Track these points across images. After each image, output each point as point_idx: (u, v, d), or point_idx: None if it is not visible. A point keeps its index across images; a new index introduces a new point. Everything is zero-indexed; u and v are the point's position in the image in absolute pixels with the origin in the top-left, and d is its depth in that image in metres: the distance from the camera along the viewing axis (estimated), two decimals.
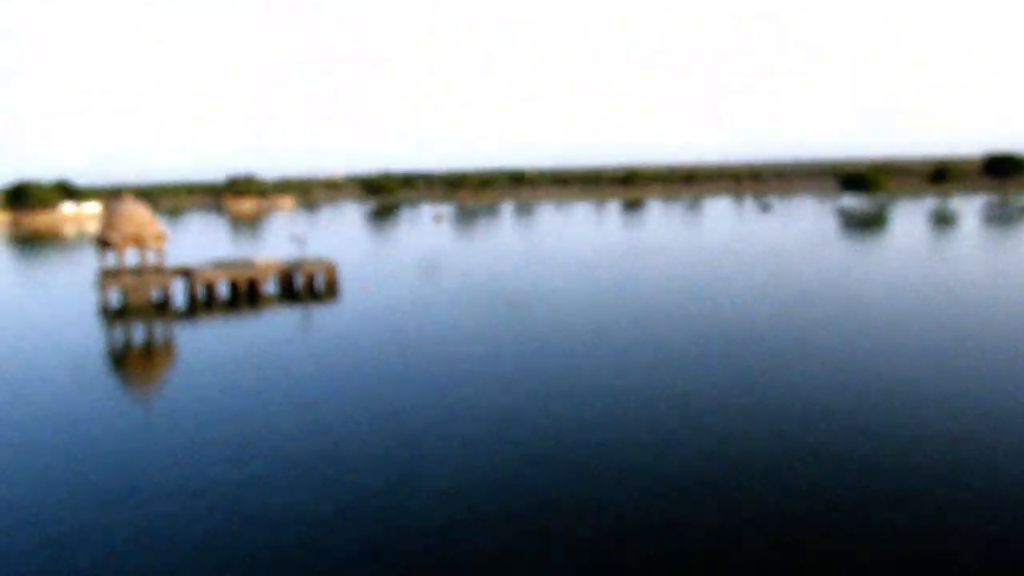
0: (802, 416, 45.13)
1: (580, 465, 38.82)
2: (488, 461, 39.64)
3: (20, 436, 45.87)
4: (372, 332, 72.30)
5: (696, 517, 32.55)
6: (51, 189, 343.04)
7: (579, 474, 37.69)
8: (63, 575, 29.50)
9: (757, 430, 42.91)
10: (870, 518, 32.00)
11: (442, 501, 35.08)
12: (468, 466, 39.02)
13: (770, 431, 42.75)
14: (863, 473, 36.68)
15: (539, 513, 33.61)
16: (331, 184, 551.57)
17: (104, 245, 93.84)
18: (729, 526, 31.65)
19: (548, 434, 43.35)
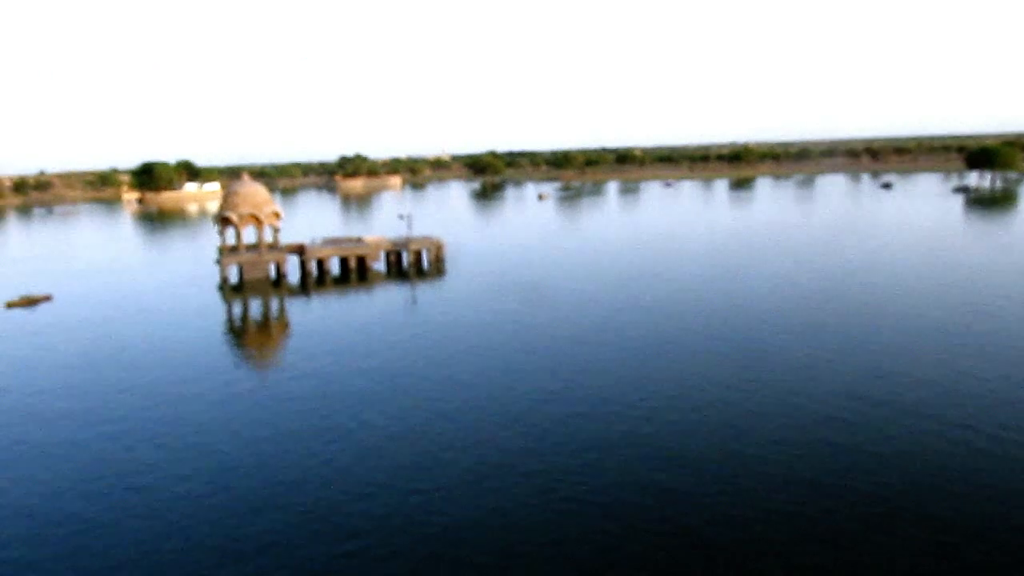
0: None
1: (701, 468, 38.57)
2: (595, 437, 39.86)
3: (160, 402, 48.78)
4: (476, 308, 73.35)
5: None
6: (175, 170, 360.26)
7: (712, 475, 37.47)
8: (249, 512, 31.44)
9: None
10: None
11: (531, 478, 35.57)
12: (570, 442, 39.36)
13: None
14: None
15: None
16: (438, 163, 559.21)
17: (224, 223, 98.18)
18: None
19: (629, 406, 43.24)
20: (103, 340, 66.17)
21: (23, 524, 32.86)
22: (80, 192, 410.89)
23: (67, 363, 58.89)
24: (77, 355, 61.21)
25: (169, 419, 45.23)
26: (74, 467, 38.63)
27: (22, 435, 43.61)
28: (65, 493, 35.69)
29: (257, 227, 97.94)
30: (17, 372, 56.89)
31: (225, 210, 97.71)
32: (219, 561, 29.32)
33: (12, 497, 35.50)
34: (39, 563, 29.68)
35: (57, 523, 32.92)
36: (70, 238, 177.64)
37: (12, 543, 31.24)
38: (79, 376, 55.09)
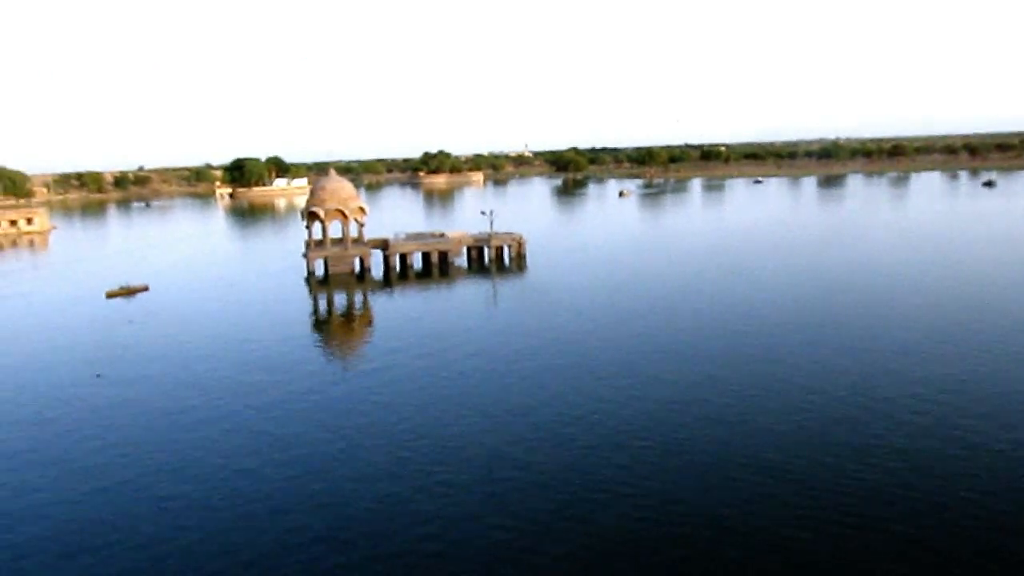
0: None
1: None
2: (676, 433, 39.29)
3: (246, 395, 50.22)
4: (556, 303, 73.13)
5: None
6: (265, 166, 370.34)
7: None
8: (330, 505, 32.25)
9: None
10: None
11: (619, 472, 35.24)
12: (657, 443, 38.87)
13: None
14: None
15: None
16: (520, 160, 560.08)
17: (311, 218, 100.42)
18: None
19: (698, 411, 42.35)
20: (195, 329, 68.43)
21: (151, 505, 34.21)
22: (176, 187, 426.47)
23: (160, 351, 61.10)
24: (169, 344, 63.44)
25: (258, 407, 46.44)
26: (172, 451, 40.02)
27: (112, 421, 45.40)
28: (166, 476, 37.01)
29: (343, 222, 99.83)
30: (113, 359, 59.27)
31: (312, 205, 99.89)
32: (327, 545, 29.95)
33: (115, 480, 36.99)
34: (176, 538, 30.84)
35: (176, 502, 34.10)
36: (166, 231, 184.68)
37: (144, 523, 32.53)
38: (171, 364, 57.08)
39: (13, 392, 51.72)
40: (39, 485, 36.55)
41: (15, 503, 34.75)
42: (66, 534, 31.74)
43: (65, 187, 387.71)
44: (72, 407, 47.86)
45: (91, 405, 48.14)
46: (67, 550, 30.50)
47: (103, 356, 60.21)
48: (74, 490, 35.78)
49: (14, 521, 33.02)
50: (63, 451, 40.76)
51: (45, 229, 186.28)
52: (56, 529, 32.17)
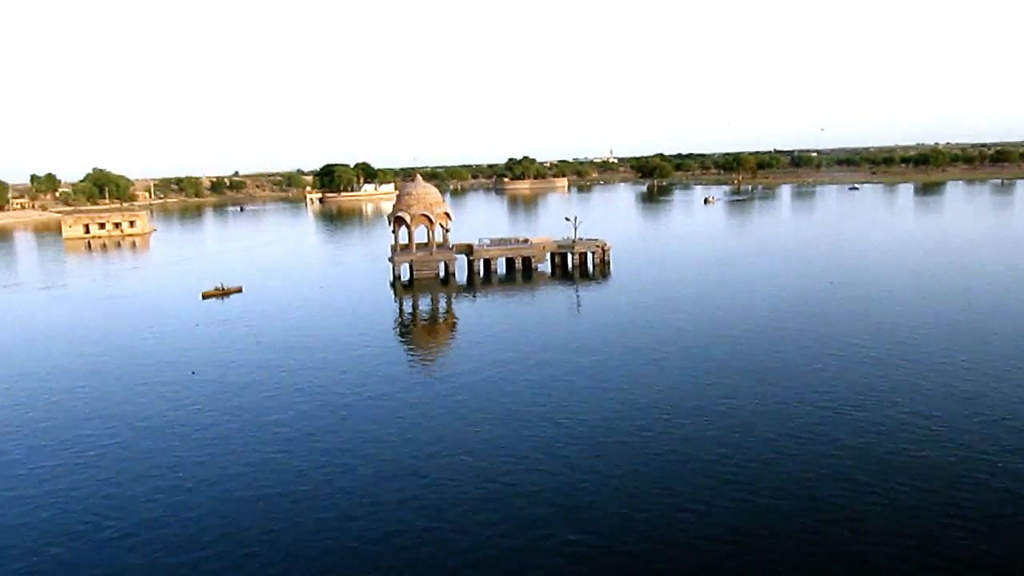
0: None
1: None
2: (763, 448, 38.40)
3: (330, 395, 51.32)
4: (641, 311, 72.41)
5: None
6: (354, 171, 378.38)
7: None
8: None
9: None
10: None
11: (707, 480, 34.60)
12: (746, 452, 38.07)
13: None
14: None
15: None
16: (604, 166, 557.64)
17: (397, 223, 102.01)
18: None
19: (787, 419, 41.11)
20: (284, 330, 70.25)
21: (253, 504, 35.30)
22: (269, 192, 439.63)
23: (250, 351, 62.93)
24: (260, 344, 65.27)
25: (340, 407, 47.35)
26: (256, 447, 41.14)
27: (203, 418, 46.90)
28: (247, 468, 38.08)
29: (428, 227, 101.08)
30: (207, 357, 61.31)
31: (399, 210, 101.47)
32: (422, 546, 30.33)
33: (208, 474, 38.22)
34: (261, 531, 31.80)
35: (269, 499, 35.09)
36: (259, 234, 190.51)
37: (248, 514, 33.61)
38: (260, 363, 58.69)
39: (115, 387, 54.00)
40: (139, 474, 38.04)
41: (122, 492, 36.24)
42: (174, 522, 32.95)
43: (165, 191, 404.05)
44: (167, 403, 49.69)
45: (185, 401, 49.90)
46: (179, 540, 31.66)
47: (198, 354, 62.39)
48: (173, 483, 37.11)
49: (127, 504, 34.47)
50: (157, 443, 42.33)
51: (146, 231, 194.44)
52: (167, 516, 33.43)
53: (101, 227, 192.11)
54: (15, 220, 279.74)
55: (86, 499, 35.67)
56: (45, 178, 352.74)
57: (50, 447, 42.61)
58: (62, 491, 36.63)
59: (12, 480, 38.22)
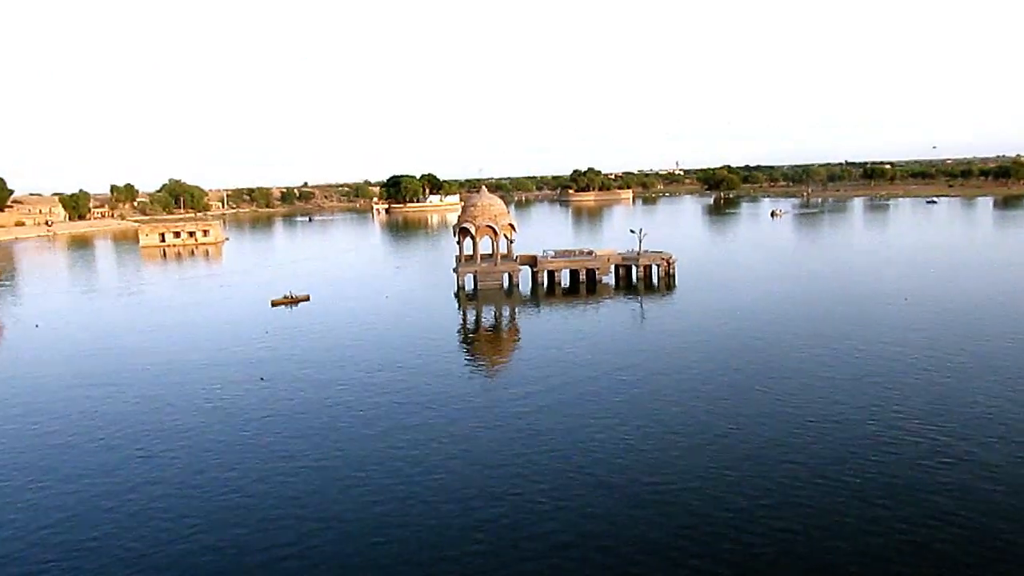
0: None
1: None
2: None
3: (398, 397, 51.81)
4: (706, 325, 71.40)
5: None
6: (420, 182, 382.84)
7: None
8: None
9: None
10: None
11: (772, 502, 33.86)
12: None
13: None
14: None
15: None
16: (670, 177, 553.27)
17: (462, 234, 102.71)
18: None
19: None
20: (350, 339, 71.24)
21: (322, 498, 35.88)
22: (336, 202, 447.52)
23: (317, 358, 63.94)
24: (326, 352, 66.30)
25: (403, 415, 47.74)
26: (320, 452, 41.73)
27: (269, 424, 47.77)
28: (306, 472, 38.65)
29: (493, 238, 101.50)
30: (276, 364, 62.48)
31: (464, 221, 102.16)
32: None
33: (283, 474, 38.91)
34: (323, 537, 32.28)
35: (337, 517, 35.58)
36: (326, 244, 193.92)
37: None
38: (326, 370, 59.59)
39: (188, 391, 55.41)
40: (209, 473, 38.95)
41: (189, 490, 37.17)
42: (237, 519, 33.65)
43: (237, 201, 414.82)
44: (237, 407, 50.80)
45: (254, 405, 50.94)
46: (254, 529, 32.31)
47: (267, 361, 63.68)
48: (238, 482, 37.90)
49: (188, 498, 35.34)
50: (227, 444, 43.27)
51: (219, 240, 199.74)
52: (231, 514, 34.16)
53: (176, 236, 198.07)
54: (96, 228, 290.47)
55: (164, 495, 36.65)
56: (124, 188, 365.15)
57: (130, 446, 43.91)
58: (145, 485, 37.72)
59: (92, 473, 39.49)
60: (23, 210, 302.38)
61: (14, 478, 40.10)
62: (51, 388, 57.95)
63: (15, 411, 52.29)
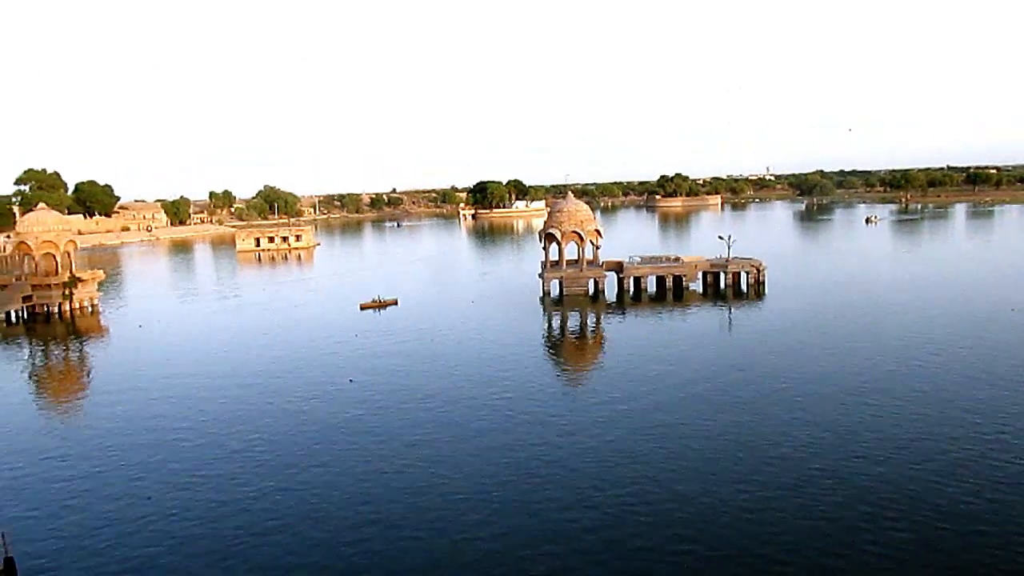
0: None
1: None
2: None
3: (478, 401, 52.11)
4: (797, 334, 69.51)
5: None
6: (506, 188, 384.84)
7: None
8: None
9: None
10: None
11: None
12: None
13: None
14: None
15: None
16: (760, 183, 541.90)
17: (548, 239, 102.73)
18: None
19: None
20: (436, 343, 72.01)
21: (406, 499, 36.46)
22: (424, 208, 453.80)
23: (403, 362, 64.84)
24: (413, 356, 67.15)
25: (486, 419, 47.93)
26: (403, 453, 42.24)
27: (357, 423, 48.57)
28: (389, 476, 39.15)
29: (579, 244, 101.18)
30: (364, 367, 63.62)
31: (549, 227, 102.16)
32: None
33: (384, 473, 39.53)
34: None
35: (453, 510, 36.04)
36: (414, 248, 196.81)
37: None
38: (412, 375, 60.37)
39: (282, 391, 56.93)
40: (303, 469, 39.90)
41: (280, 489, 38.14)
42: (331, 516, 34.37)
43: (328, 207, 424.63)
44: (327, 408, 51.91)
45: (342, 406, 51.97)
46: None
47: (356, 363, 64.93)
48: (328, 479, 38.70)
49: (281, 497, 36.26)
50: (319, 444, 44.26)
51: (311, 245, 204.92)
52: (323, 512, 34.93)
53: (270, 241, 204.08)
54: (195, 233, 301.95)
55: (256, 490, 37.70)
56: (222, 195, 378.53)
57: (227, 443, 45.40)
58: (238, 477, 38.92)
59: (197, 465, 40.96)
60: (128, 216, 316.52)
61: (122, 471, 41.85)
62: (150, 387, 60.33)
63: (119, 409, 54.62)
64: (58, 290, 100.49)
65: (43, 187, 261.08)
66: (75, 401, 60.76)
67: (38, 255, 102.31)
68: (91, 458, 44.26)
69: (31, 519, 35.94)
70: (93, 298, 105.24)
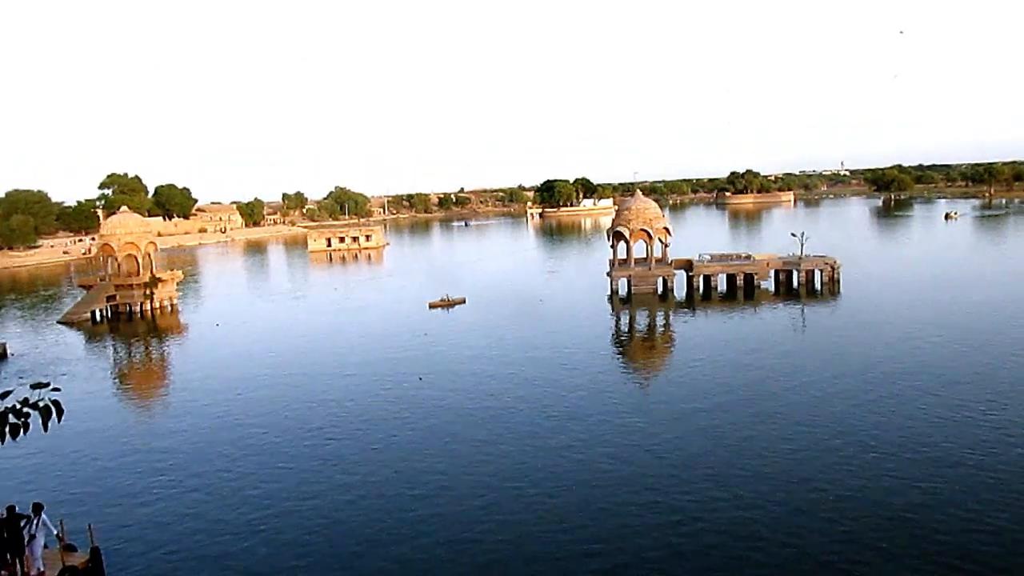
0: None
1: None
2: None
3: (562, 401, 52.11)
4: (874, 335, 67.54)
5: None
6: (573, 186, 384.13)
7: None
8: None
9: None
10: None
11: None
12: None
13: None
14: None
15: None
16: (835, 178, 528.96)
17: (616, 238, 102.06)
18: None
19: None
20: (504, 341, 72.17)
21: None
22: (492, 207, 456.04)
23: (472, 360, 65.17)
24: (488, 355, 67.44)
25: (555, 418, 47.87)
26: (470, 451, 42.47)
27: (429, 419, 49.01)
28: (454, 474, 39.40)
29: (647, 242, 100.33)
30: (433, 365, 64.19)
31: (617, 225, 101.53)
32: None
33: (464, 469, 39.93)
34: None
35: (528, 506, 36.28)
36: (482, 248, 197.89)
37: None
38: (481, 373, 60.64)
39: (352, 387, 57.86)
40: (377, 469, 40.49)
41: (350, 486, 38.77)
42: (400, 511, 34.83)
43: (397, 207, 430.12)
44: (398, 405, 52.53)
45: (413, 403, 52.54)
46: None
47: (425, 361, 65.54)
48: (398, 473, 39.19)
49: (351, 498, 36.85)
50: (391, 439, 44.84)
51: (380, 245, 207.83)
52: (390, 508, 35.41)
53: (341, 241, 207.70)
54: (269, 234, 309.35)
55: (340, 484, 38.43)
56: (294, 196, 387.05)
57: (302, 436, 46.37)
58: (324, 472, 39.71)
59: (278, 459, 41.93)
60: (205, 218, 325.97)
61: (204, 464, 43.08)
62: (229, 383, 61.90)
63: (199, 404, 56.24)
64: (140, 290, 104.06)
65: (125, 191, 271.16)
66: (157, 396, 62.81)
67: (121, 256, 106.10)
68: (173, 451, 45.66)
69: (115, 510, 37.21)
70: (172, 297, 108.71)
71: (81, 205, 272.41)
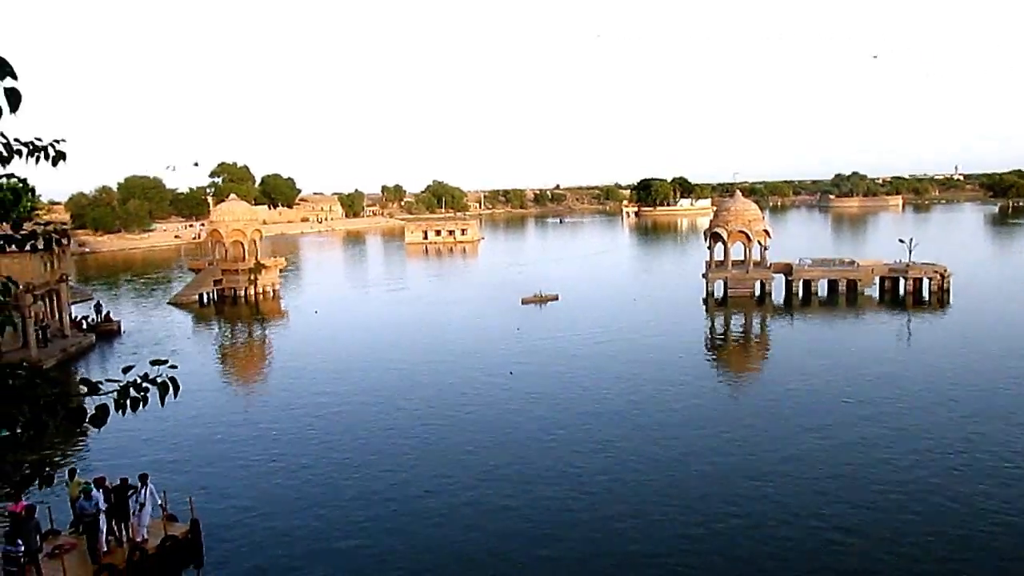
0: None
1: None
2: None
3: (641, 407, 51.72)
4: (983, 348, 64.29)
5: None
6: (670, 186, 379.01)
7: None
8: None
9: None
10: None
11: None
12: None
13: None
14: None
15: None
16: (947, 183, 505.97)
17: (714, 239, 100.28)
18: None
19: None
20: (598, 340, 71.82)
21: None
22: (587, 204, 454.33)
23: (562, 357, 65.15)
24: (571, 351, 67.35)
25: (642, 419, 47.43)
26: (554, 448, 42.48)
27: (518, 416, 49.19)
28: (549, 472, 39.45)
29: (745, 244, 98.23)
30: (524, 360, 64.41)
31: (715, 226, 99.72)
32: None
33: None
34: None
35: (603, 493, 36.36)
36: (576, 245, 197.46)
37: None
38: (571, 370, 60.57)
39: (445, 377, 58.67)
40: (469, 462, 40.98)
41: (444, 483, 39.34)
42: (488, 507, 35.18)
43: (493, 202, 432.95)
44: (486, 398, 53.00)
45: (503, 398, 52.91)
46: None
47: (517, 356, 65.88)
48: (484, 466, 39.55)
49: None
50: (483, 434, 45.28)
51: (475, 239, 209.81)
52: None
53: (437, 234, 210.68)
54: (368, 225, 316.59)
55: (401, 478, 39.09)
56: (393, 188, 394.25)
57: (396, 424, 47.35)
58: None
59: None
60: (307, 207, 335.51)
61: (301, 445, 44.46)
62: (328, 369, 63.60)
63: (299, 387, 58.02)
64: (244, 275, 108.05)
65: (234, 179, 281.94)
66: (259, 377, 65.20)
67: (228, 242, 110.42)
68: (275, 430, 47.22)
69: (215, 485, 38.74)
70: (275, 284, 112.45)
71: (193, 192, 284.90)
